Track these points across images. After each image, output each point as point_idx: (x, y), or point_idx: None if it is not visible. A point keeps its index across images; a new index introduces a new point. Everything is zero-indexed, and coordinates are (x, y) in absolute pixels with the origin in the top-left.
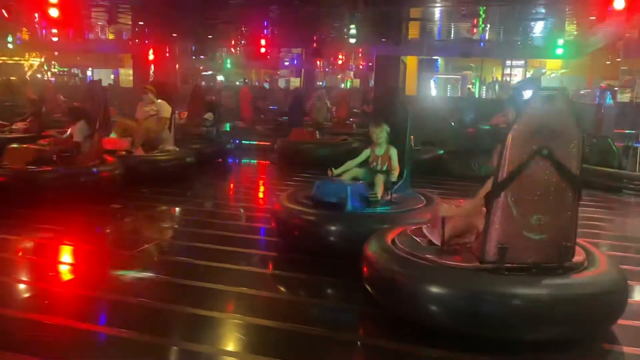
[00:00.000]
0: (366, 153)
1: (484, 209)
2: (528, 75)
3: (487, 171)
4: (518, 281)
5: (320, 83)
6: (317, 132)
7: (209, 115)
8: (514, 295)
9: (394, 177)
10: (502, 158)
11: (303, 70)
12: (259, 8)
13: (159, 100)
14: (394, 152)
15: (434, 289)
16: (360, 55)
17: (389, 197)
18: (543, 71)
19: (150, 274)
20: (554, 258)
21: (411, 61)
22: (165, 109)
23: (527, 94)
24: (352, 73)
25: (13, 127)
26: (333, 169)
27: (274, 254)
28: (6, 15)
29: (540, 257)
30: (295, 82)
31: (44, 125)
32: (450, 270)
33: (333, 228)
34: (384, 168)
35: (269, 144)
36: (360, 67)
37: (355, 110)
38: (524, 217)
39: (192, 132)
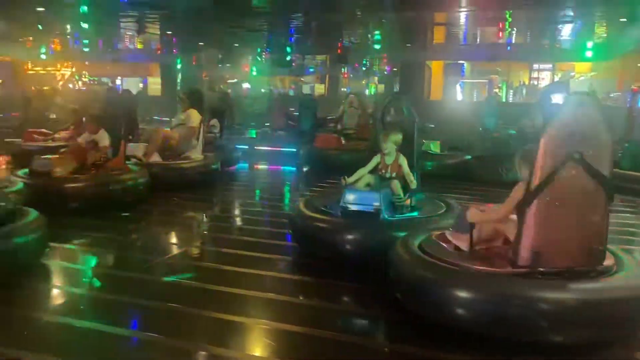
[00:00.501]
0: (376, 159)
1: (513, 215)
2: (556, 78)
3: (514, 176)
4: (551, 285)
5: (345, 89)
6: (342, 138)
7: (214, 122)
8: (547, 299)
9: (414, 184)
10: (534, 163)
11: (327, 76)
12: (283, 16)
13: (189, 109)
14: (403, 160)
15: (467, 294)
16: (385, 60)
17: (409, 202)
18: (572, 74)
19: (179, 280)
20: (585, 262)
21: (437, 66)
22: (194, 117)
23: (556, 97)
24: (376, 78)
25: (56, 135)
26: (346, 177)
27: (299, 259)
28: (40, 27)
29: (572, 261)
30: (320, 88)
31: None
32: (483, 275)
33: (371, 236)
34: (393, 175)
35: (294, 150)
36: (385, 72)
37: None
38: (556, 222)
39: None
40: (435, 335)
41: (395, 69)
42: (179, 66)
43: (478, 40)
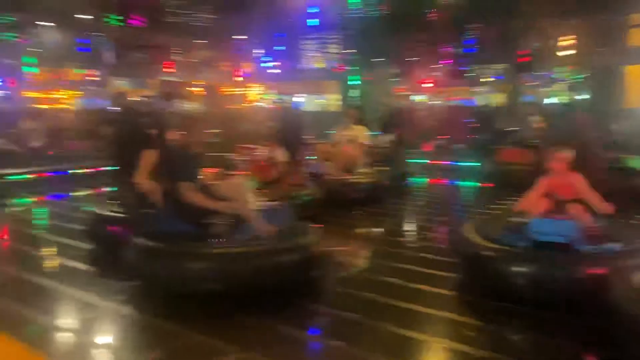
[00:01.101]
0: (543, 183)
1: None
2: None
3: None
4: None
5: (526, 98)
6: (529, 151)
7: (390, 137)
8: None
9: (600, 208)
10: None
11: (508, 85)
12: (459, 27)
13: (357, 125)
14: (579, 180)
15: None
16: (573, 67)
17: (600, 230)
18: None
19: (359, 292)
20: None
21: (637, 70)
22: (364, 133)
23: None
24: (563, 87)
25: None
26: (515, 202)
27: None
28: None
29: None
30: (498, 98)
31: None
32: None
33: (565, 271)
34: (567, 199)
35: (474, 164)
36: (573, 79)
37: None
38: None
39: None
40: None
41: (585, 76)
42: (355, 82)
43: None
